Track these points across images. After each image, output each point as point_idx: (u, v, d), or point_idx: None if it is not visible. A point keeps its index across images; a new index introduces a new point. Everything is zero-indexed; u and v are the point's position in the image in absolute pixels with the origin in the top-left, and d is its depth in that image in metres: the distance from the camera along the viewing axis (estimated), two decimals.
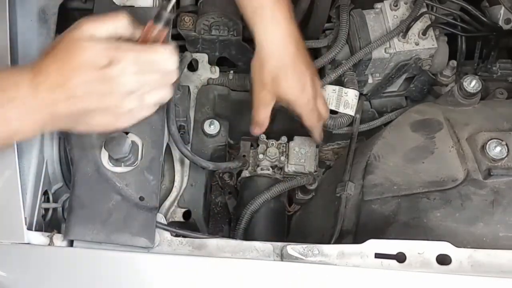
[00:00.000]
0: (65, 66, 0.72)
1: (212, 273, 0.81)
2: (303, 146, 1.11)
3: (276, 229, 1.10)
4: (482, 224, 0.85)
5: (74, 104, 0.73)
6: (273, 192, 1.05)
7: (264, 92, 0.96)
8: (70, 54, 0.72)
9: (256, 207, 1.04)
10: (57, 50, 0.74)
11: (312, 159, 1.11)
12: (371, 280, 0.78)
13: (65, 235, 0.84)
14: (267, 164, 1.10)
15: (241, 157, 1.13)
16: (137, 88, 0.75)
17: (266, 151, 1.10)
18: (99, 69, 0.72)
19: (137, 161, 0.88)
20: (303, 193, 1.13)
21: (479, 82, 0.98)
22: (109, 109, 0.75)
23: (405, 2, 1.08)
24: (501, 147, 0.89)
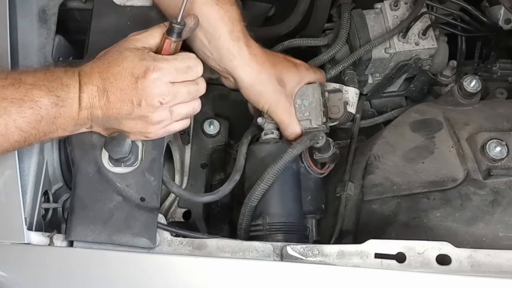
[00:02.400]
0: (106, 72, 0.78)
1: (212, 273, 0.81)
2: (305, 96, 0.96)
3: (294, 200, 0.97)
4: (482, 224, 0.85)
5: (108, 108, 0.79)
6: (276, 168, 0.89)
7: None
8: (112, 62, 0.78)
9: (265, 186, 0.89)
10: (104, 57, 0.80)
11: (318, 110, 0.95)
12: (371, 280, 0.78)
13: (66, 236, 0.84)
14: (271, 128, 0.99)
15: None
16: (168, 99, 0.80)
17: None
18: (135, 78, 0.77)
19: (137, 161, 0.88)
20: (320, 152, 0.96)
21: (479, 82, 0.98)
22: (140, 117, 0.80)
23: (405, 2, 1.07)
24: (501, 147, 0.89)
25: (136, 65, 0.78)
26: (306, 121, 0.95)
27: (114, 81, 0.78)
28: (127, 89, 0.78)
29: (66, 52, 1.04)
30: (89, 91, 0.78)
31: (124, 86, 0.78)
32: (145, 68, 0.78)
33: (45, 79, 0.76)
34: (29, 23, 0.98)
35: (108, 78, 0.78)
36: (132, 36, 0.83)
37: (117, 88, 0.78)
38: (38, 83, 0.75)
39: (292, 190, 0.95)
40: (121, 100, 0.78)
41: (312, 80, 0.98)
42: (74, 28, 1.08)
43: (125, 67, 0.78)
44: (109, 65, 0.78)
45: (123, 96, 0.78)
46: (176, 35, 0.80)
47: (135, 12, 0.96)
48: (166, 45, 0.81)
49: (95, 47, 0.93)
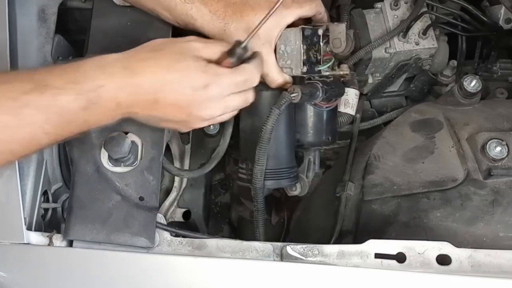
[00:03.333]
0: (161, 75, 0.73)
1: (212, 273, 0.81)
2: (288, 42, 0.89)
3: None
4: (482, 224, 0.85)
5: (153, 109, 0.75)
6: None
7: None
8: (170, 66, 0.74)
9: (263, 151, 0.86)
10: (160, 57, 0.74)
11: (298, 58, 0.89)
12: (371, 280, 0.78)
13: (64, 235, 0.84)
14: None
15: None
16: (218, 113, 0.79)
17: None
18: (193, 90, 0.74)
19: (137, 161, 0.88)
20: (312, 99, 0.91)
21: (479, 82, 0.98)
22: (184, 123, 0.79)
23: (406, 2, 1.07)
24: (501, 147, 0.89)
25: (197, 77, 0.74)
26: (288, 69, 0.90)
27: (170, 87, 0.73)
28: (182, 99, 0.74)
29: (66, 51, 1.04)
30: (132, 92, 0.72)
31: (178, 95, 0.74)
32: (205, 82, 0.74)
33: (75, 80, 0.69)
34: (28, 23, 0.97)
35: (162, 83, 0.73)
36: (192, 42, 0.78)
37: (171, 95, 0.73)
38: (66, 86, 0.68)
39: (277, 137, 0.92)
40: (170, 106, 0.74)
41: (297, 17, 0.89)
42: (73, 27, 1.08)
43: (184, 76, 0.73)
44: (167, 69, 0.73)
45: (174, 103, 0.74)
46: (237, 59, 0.79)
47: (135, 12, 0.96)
48: (225, 63, 0.78)
49: (95, 47, 0.93)
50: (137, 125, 0.88)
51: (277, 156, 0.92)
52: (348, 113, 1.08)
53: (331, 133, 0.98)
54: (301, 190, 0.99)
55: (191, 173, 1.00)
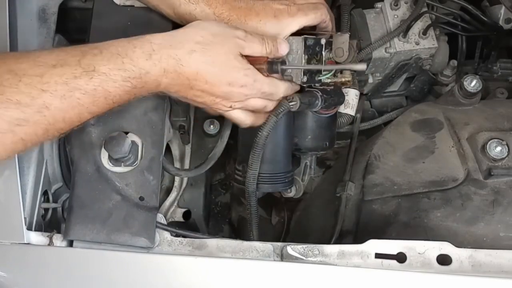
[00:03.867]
0: (207, 68, 0.78)
1: (212, 273, 0.81)
2: (290, 51, 0.88)
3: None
4: (482, 224, 0.85)
5: (186, 91, 0.80)
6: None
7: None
8: (217, 61, 0.78)
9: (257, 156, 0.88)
10: (207, 49, 0.78)
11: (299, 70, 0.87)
12: (371, 280, 0.78)
13: (65, 235, 0.84)
14: None
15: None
16: (239, 106, 0.84)
17: None
18: (229, 85, 0.79)
19: (137, 161, 0.88)
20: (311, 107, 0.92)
21: (479, 82, 0.98)
22: (210, 104, 0.83)
23: (406, 2, 1.07)
24: (501, 147, 0.89)
25: (238, 77, 0.80)
26: (288, 77, 0.89)
27: (210, 79, 0.78)
28: (216, 90, 0.80)
29: None
30: (173, 78, 0.77)
31: (215, 87, 0.79)
32: (243, 83, 0.80)
33: (122, 67, 0.73)
34: (29, 23, 0.97)
35: (204, 75, 0.78)
36: (239, 39, 0.80)
37: (208, 85, 0.79)
38: (113, 72, 0.73)
39: (274, 142, 0.93)
40: (203, 93, 0.80)
41: (302, 25, 0.89)
42: (74, 27, 1.08)
43: (227, 72, 0.79)
44: (212, 64, 0.78)
45: (208, 91, 0.80)
46: (271, 70, 0.83)
47: (135, 12, 0.95)
48: (260, 69, 0.82)
49: None
50: (137, 125, 0.88)
51: (273, 161, 0.93)
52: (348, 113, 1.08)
53: (329, 139, 0.99)
54: (296, 193, 1.01)
55: (189, 173, 1.01)
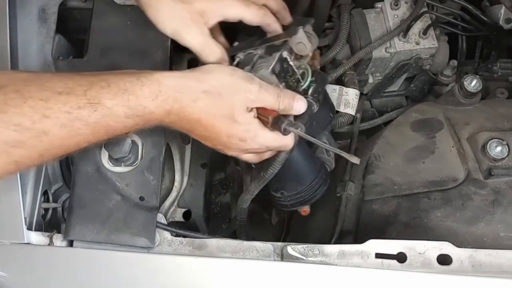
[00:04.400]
0: (209, 119, 0.76)
1: (212, 273, 0.81)
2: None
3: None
4: (482, 224, 0.85)
5: (190, 132, 0.78)
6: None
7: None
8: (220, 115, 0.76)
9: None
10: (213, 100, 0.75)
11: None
12: (371, 280, 0.78)
13: (65, 235, 0.84)
14: None
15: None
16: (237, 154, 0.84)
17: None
18: (227, 138, 0.78)
19: (137, 161, 0.88)
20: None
21: (479, 82, 0.98)
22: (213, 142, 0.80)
23: (406, 2, 1.07)
24: (501, 146, 0.89)
25: (237, 133, 0.77)
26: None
27: (209, 128, 0.76)
28: (215, 140, 0.78)
29: (66, 51, 1.04)
30: (175, 120, 0.75)
31: (213, 137, 0.78)
32: (242, 138, 0.78)
33: (127, 104, 0.71)
34: (29, 23, 0.97)
35: (204, 125, 0.76)
36: (251, 94, 0.76)
37: (206, 133, 0.77)
38: (118, 108, 0.71)
39: (300, 161, 0.91)
40: (202, 137, 0.79)
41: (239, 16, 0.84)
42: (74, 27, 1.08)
43: (228, 127, 0.77)
44: (214, 117, 0.75)
45: (207, 139, 0.79)
46: (276, 127, 0.78)
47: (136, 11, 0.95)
48: (264, 121, 0.79)
49: (95, 46, 0.93)
50: None
51: (301, 176, 0.91)
52: (348, 113, 1.08)
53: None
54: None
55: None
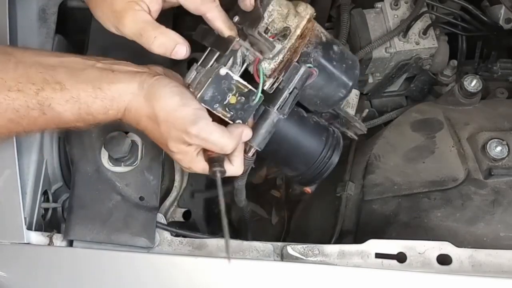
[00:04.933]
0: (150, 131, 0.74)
1: (212, 273, 0.81)
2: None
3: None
4: (482, 224, 0.85)
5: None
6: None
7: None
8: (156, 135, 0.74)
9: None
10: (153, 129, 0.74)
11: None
12: (371, 280, 0.78)
13: (65, 235, 0.84)
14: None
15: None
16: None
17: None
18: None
19: (137, 161, 0.88)
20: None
21: (479, 82, 0.98)
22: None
23: (406, 2, 1.07)
24: (501, 146, 0.89)
25: (173, 156, 0.75)
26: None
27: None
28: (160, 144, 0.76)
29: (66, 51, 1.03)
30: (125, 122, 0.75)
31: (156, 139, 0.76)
32: (177, 160, 0.76)
33: (77, 112, 0.71)
34: (29, 23, 0.97)
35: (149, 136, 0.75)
36: (189, 134, 0.71)
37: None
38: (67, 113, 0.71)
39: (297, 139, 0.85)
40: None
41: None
42: (74, 27, 1.08)
43: (164, 148, 0.75)
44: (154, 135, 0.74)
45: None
46: (209, 165, 0.74)
47: None
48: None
49: (95, 46, 0.93)
50: None
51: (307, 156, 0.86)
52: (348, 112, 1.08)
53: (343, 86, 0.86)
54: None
55: None
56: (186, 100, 0.72)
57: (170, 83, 0.73)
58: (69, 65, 0.72)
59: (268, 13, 0.75)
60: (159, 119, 0.72)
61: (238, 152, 0.77)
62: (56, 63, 0.71)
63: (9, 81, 0.68)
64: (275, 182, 1.31)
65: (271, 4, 0.75)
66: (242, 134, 0.75)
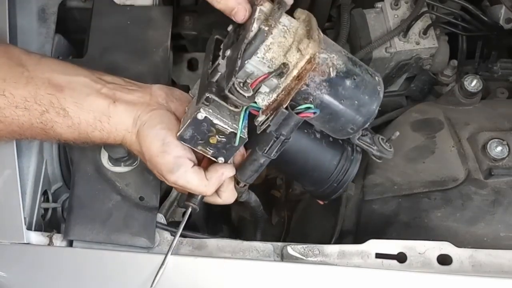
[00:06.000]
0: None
1: (212, 273, 0.81)
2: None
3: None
4: (483, 224, 0.85)
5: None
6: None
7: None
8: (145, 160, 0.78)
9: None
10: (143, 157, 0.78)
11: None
12: (372, 280, 0.78)
13: (65, 235, 0.84)
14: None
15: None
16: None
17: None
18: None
19: (137, 161, 0.88)
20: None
21: (480, 82, 0.98)
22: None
23: (406, 1, 1.07)
24: (502, 146, 0.89)
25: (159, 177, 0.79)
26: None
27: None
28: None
29: (66, 51, 1.04)
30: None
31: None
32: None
33: (77, 137, 0.76)
34: (28, 22, 0.97)
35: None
36: (167, 179, 0.76)
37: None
38: (67, 135, 0.76)
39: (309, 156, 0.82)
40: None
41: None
42: (73, 27, 1.08)
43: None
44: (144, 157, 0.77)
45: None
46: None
47: (135, 11, 0.95)
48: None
49: (95, 46, 0.93)
50: None
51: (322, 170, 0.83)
52: None
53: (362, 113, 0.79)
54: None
55: None
56: (168, 147, 0.74)
57: (158, 125, 0.75)
58: (77, 87, 0.75)
59: (266, 47, 0.67)
60: (145, 157, 0.76)
61: (225, 187, 0.80)
62: (65, 83, 0.75)
63: (17, 97, 0.72)
64: (275, 182, 1.31)
65: (271, 37, 0.68)
66: (223, 175, 0.77)
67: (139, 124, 0.75)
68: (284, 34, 0.69)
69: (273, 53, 0.68)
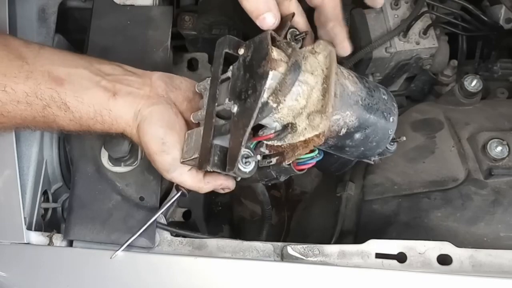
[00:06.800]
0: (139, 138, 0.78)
1: (212, 273, 0.81)
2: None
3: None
4: (483, 224, 0.85)
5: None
6: None
7: None
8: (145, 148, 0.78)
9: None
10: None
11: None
12: (372, 280, 0.78)
13: (65, 235, 0.84)
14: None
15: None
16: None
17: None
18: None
19: (137, 161, 0.88)
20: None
21: (480, 82, 0.98)
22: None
23: (406, 1, 1.07)
24: (502, 146, 0.89)
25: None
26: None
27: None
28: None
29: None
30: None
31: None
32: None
33: (79, 129, 0.77)
34: (28, 22, 0.97)
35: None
36: (168, 172, 0.78)
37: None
38: (69, 127, 0.77)
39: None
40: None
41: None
42: (73, 27, 1.08)
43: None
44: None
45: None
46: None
47: (135, 11, 0.95)
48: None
49: (95, 46, 0.93)
50: None
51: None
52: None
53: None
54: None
55: None
56: (167, 148, 0.75)
57: (158, 122, 0.76)
58: (76, 80, 0.75)
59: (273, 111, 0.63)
60: (145, 150, 0.78)
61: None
62: (64, 75, 0.75)
63: (18, 92, 0.72)
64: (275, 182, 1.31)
65: (279, 108, 0.63)
66: (221, 186, 0.81)
67: (140, 119, 0.76)
68: (296, 97, 0.65)
69: (281, 115, 0.66)
